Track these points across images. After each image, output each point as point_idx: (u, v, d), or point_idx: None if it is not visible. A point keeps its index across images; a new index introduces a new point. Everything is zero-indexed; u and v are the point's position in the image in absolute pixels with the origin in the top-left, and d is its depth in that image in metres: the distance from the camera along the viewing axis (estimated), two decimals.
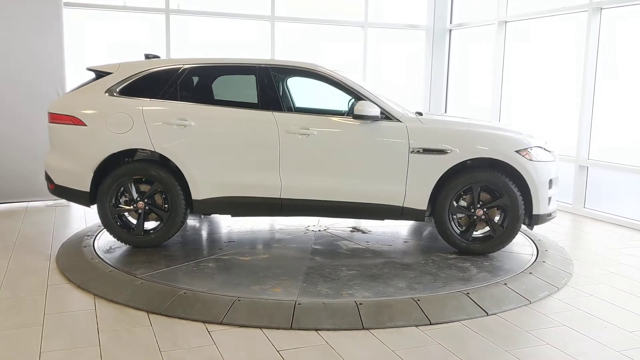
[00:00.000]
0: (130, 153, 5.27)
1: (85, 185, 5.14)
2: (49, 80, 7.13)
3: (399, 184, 5.07)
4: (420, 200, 5.10)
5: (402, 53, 10.16)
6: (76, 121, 5.14)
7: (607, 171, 7.19)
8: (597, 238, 6.26)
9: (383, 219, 5.31)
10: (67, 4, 7.64)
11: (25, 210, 6.97)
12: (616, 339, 3.68)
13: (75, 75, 8.17)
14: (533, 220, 5.13)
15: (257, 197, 5.13)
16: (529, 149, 5.09)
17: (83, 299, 4.24)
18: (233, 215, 5.55)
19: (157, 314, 3.93)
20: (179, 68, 5.29)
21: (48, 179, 5.36)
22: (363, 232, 5.96)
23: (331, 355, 3.42)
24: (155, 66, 5.31)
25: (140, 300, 4.10)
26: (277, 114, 5.14)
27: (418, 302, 4.05)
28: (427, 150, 5.03)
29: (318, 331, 3.72)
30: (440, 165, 5.03)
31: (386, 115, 5.10)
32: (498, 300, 4.22)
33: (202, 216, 6.39)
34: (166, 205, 5.20)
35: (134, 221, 5.26)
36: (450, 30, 9.90)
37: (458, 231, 5.19)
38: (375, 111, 5.03)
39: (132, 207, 5.19)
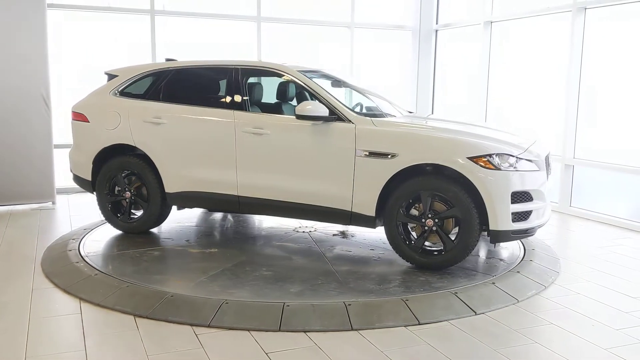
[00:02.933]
0: (132, 148, 5.72)
1: (88, 175, 5.83)
2: (33, 82, 7.04)
3: (346, 187, 4.84)
4: (367, 206, 4.79)
5: (389, 54, 10.17)
6: (84, 118, 5.87)
7: (591, 170, 7.24)
8: (584, 236, 6.30)
9: (335, 223, 5.17)
10: (50, 5, 7.58)
11: (10, 213, 6.88)
12: (604, 337, 3.70)
13: (65, 75, 8.19)
14: (492, 236, 4.58)
15: (218, 194, 5.35)
16: (488, 156, 4.51)
17: (68, 303, 4.19)
18: (208, 209, 5.75)
19: (144, 317, 3.90)
20: (164, 71, 5.73)
21: (70, 168, 6.12)
22: (347, 236, 5.94)
23: (320, 357, 3.40)
24: (148, 69, 5.81)
25: (126, 303, 4.06)
26: (237, 113, 5.28)
27: (406, 302, 4.05)
28: (372, 154, 4.73)
29: (307, 333, 3.71)
30: (386, 170, 4.69)
31: (339, 116, 4.91)
32: (486, 299, 4.23)
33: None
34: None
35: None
36: (437, 31, 9.93)
37: (408, 242, 4.78)
38: (320, 111, 4.86)
39: (122, 195, 5.72)
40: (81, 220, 6.40)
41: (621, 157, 6.81)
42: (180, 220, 6.30)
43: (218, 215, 6.61)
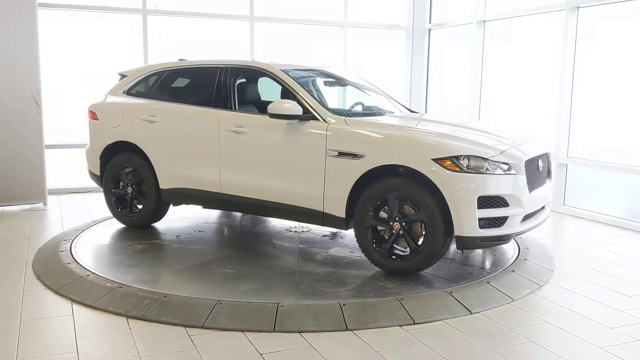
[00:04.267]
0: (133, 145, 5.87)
1: (97, 170, 6.11)
2: (23, 82, 6.99)
3: (318, 188, 4.76)
4: (338, 207, 4.69)
5: (383, 53, 10.15)
6: (95, 116, 6.13)
7: (586, 169, 7.25)
8: (577, 235, 6.30)
9: (310, 223, 5.10)
10: (41, 5, 7.51)
11: (1, 215, 6.81)
12: (599, 336, 3.69)
13: (55, 76, 8.13)
14: (457, 243, 4.37)
15: (205, 191, 5.42)
16: (454, 158, 4.29)
17: (60, 304, 4.14)
18: (203, 206, 5.75)
19: (137, 318, 3.86)
20: (163, 71, 5.94)
21: (86, 164, 6.35)
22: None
23: (315, 357, 3.37)
24: (151, 70, 6.04)
25: (119, 304, 4.02)
26: (221, 112, 5.34)
27: (402, 301, 4.03)
28: (342, 154, 4.64)
29: (301, 333, 3.68)
30: (354, 171, 4.57)
31: (313, 115, 4.86)
32: (481, 298, 4.21)
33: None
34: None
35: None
36: (430, 30, 9.92)
37: (377, 246, 4.62)
38: (292, 110, 4.81)
39: (124, 191, 5.92)
40: (73, 221, 6.34)
41: (614, 155, 6.83)
42: (198, 217, 6.46)
43: (238, 214, 6.61)
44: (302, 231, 5.92)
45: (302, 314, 3.83)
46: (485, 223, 4.32)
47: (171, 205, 5.99)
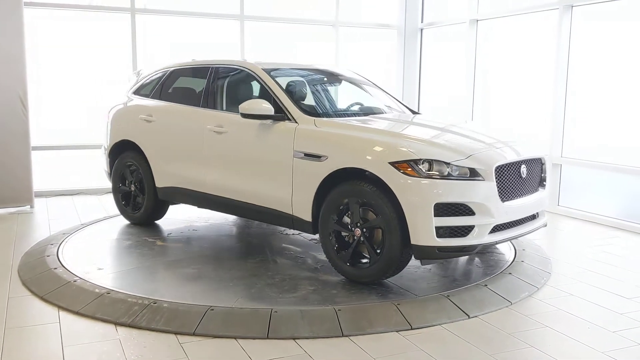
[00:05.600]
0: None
1: (108, 168, 6.32)
2: (9, 82, 6.82)
3: (286, 190, 4.64)
4: (305, 211, 4.55)
5: (375, 53, 10.07)
6: (108, 117, 6.34)
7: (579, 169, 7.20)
8: (573, 236, 6.24)
9: (282, 226, 4.97)
10: (27, 4, 7.36)
11: None
12: (600, 340, 3.62)
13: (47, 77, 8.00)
14: (414, 252, 4.09)
15: (194, 191, 5.45)
16: (411, 162, 4.03)
17: (47, 311, 4.01)
18: (197, 206, 5.72)
19: (126, 325, 3.74)
20: (164, 71, 6.07)
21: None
22: None
23: None
24: (156, 70, 6.19)
25: (107, 311, 3.90)
26: (206, 111, 5.38)
27: (398, 306, 3.94)
28: (307, 155, 4.50)
29: (296, 340, 3.58)
30: (317, 173, 4.42)
31: (286, 115, 4.78)
32: (479, 302, 4.13)
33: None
34: None
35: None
36: (422, 29, 9.85)
37: (338, 252, 4.44)
38: (262, 109, 4.71)
39: (128, 188, 6.09)
40: (60, 225, 6.21)
41: (608, 154, 6.78)
42: (200, 215, 6.53)
43: None
44: (292, 234, 5.81)
45: (296, 320, 3.73)
46: (446, 232, 4.02)
47: (172, 204, 6.11)
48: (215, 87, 5.48)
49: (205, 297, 4.09)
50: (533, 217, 4.66)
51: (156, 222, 6.22)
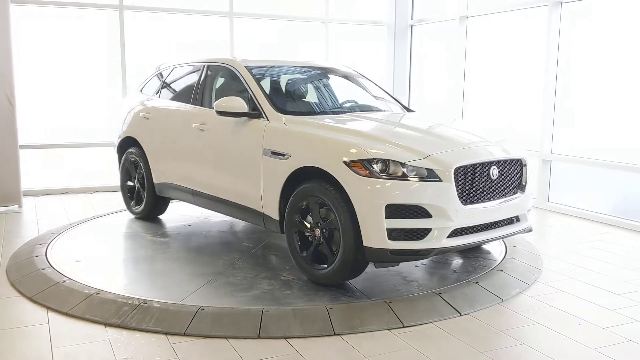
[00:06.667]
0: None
1: (118, 164, 6.54)
2: None
3: (257, 188, 4.64)
4: (273, 209, 4.53)
5: (365, 51, 10.04)
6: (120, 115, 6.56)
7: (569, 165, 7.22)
8: (563, 232, 6.26)
9: (255, 224, 4.93)
10: (14, 1, 7.27)
11: None
12: (591, 336, 3.62)
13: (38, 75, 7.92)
14: (367, 254, 3.94)
15: (183, 187, 5.58)
16: (365, 161, 3.92)
17: (35, 312, 3.96)
18: (190, 202, 5.73)
19: (116, 326, 3.70)
20: (167, 69, 6.21)
21: None
22: None
23: None
24: (158, 68, 6.37)
25: (96, 312, 3.86)
26: (195, 109, 5.44)
27: (390, 304, 3.93)
28: (274, 154, 4.48)
29: (287, 339, 3.56)
30: (282, 172, 4.39)
31: (260, 113, 4.75)
32: (470, 299, 4.13)
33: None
34: None
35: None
36: (412, 26, 9.84)
37: (302, 252, 4.36)
38: (235, 107, 4.70)
39: (133, 183, 6.27)
40: (49, 224, 6.14)
41: (597, 152, 6.81)
42: (212, 213, 6.38)
43: None
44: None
45: (287, 319, 3.71)
46: (400, 234, 3.87)
47: (171, 200, 6.21)
48: (204, 84, 5.53)
49: (153, 292, 4.18)
50: (510, 221, 4.41)
51: (160, 217, 6.38)
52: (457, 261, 4.92)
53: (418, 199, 3.88)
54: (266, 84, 5.19)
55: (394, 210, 3.85)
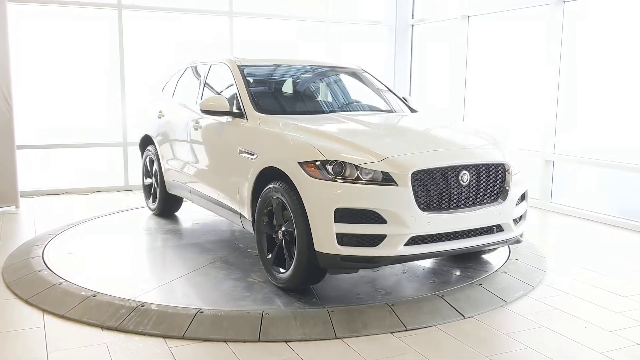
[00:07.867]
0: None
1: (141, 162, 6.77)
2: None
3: (234, 187, 4.58)
4: (247, 209, 4.45)
5: (366, 51, 9.98)
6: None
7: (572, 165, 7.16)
8: (566, 233, 6.19)
9: (235, 223, 4.84)
10: (11, 0, 7.20)
11: None
12: (598, 340, 3.55)
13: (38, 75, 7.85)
14: (318, 259, 3.77)
15: (184, 184, 5.69)
16: (318, 163, 3.78)
17: (31, 315, 3.89)
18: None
19: (113, 329, 3.63)
20: (181, 69, 6.28)
21: None
22: None
23: None
24: (179, 69, 6.40)
25: (93, 315, 3.78)
26: (195, 107, 5.47)
27: (392, 307, 3.85)
28: (247, 153, 4.42)
29: (288, 342, 3.49)
30: (252, 172, 4.31)
31: (241, 112, 4.71)
32: (474, 301, 4.05)
33: None
34: None
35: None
36: (413, 26, 9.78)
37: (267, 254, 4.27)
38: (217, 106, 4.69)
39: (151, 180, 6.49)
40: (46, 225, 6.07)
41: (600, 152, 6.74)
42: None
43: None
44: None
45: (288, 322, 3.64)
46: (351, 240, 3.68)
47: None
48: (206, 84, 5.62)
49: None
50: (489, 230, 4.07)
51: (176, 214, 6.55)
52: (459, 263, 4.85)
53: (370, 203, 3.67)
54: (258, 83, 5.21)
55: (344, 215, 3.67)
